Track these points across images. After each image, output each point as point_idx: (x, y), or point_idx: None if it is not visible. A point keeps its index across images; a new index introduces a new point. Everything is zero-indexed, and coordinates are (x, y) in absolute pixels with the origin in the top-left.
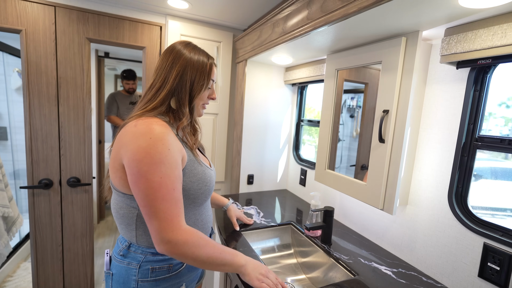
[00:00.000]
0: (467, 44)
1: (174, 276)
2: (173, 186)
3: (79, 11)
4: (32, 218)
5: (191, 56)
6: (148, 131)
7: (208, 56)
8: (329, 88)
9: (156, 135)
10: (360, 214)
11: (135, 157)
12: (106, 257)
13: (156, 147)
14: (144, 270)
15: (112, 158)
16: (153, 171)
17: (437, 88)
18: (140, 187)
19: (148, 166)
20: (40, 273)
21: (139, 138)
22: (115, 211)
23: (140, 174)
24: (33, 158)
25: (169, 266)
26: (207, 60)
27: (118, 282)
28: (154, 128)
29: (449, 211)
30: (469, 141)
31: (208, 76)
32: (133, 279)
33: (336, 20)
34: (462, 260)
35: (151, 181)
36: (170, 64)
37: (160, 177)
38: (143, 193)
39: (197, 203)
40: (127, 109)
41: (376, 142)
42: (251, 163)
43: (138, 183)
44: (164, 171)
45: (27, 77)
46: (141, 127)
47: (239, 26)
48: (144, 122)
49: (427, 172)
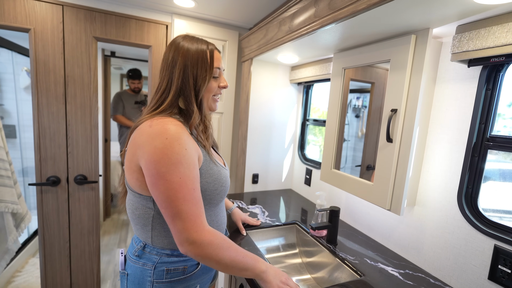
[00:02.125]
0: (479, 41)
1: (189, 278)
2: (193, 186)
3: (87, 10)
4: (41, 215)
5: (189, 48)
6: (163, 132)
7: (208, 44)
8: (336, 87)
9: (172, 135)
10: (366, 215)
11: (153, 158)
12: (121, 257)
13: (173, 148)
14: (159, 271)
15: (127, 159)
16: (172, 172)
17: (447, 87)
18: (160, 189)
19: (166, 167)
20: (48, 269)
21: (155, 139)
22: (131, 211)
23: (159, 176)
24: (41, 156)
25: (184, 268)
26: (206, 48)
27: (133, 282)
28: (169, 128)
29: (459, 212)
30: (480, 141)
31: (210, 66)
32: (148, 280)
33: (344, 17)
34: (472, 262)
35: (171, 182)
36: (171, 61)
37: (180, 178)
38: (163, 194)
39: (212, 204)
40: (133, 108)
41: (383, 142)
42: (256, 162)
43: (158, 185)
44: (183, 171)
45: (35, 75)
46: (156, 127)
47: (245, 25)
48: (159, 122)
49: (436, 172)
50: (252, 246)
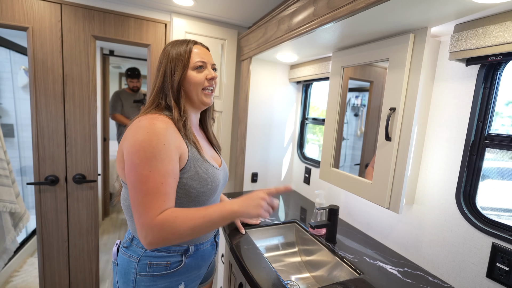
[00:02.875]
0: (477, 40)
1: (172, 274)
2: (162, 180)
3: (85, 8)
4: (39, 214)
5: (170, 51)
6: (147, 126)
7: (188, 42)
8: (335, 85)
9: (154, 129)
10: (365, 213)
11: (131, 149)
12: (115, 248)
13: (151, 141)
14: (143, 265)
15: (118, 150)
16: (144, 164)
17: (445, 86)
18: (130, 179)
19: (140, 159)
20: (47, 268)
21: (138, 132)
22: (122, 202)
23: (132, 166)
24: (40, 155)
25: (166, 264)
26: (185, 47)
27: (121, 272)
28: (154, 123)
29: (457, 210)
30: (478, 140)
31: (187, 59)
32: (132, 272)
33: (343, 16)
34: (470, 260)
35: (140, 174)
36: (158, 66)
37: (150, 171)
38: (131, 185)
39: (198, 202)
40: (131, 107)
41: (382, 140)
42: (255, 161)
43: (129, 175)
44: (155, 165)
45: (33, 74)
46: (144, 122)
47: (244, 24)
48: (148, 118)
49: (434, 171)
50: (252, 244)
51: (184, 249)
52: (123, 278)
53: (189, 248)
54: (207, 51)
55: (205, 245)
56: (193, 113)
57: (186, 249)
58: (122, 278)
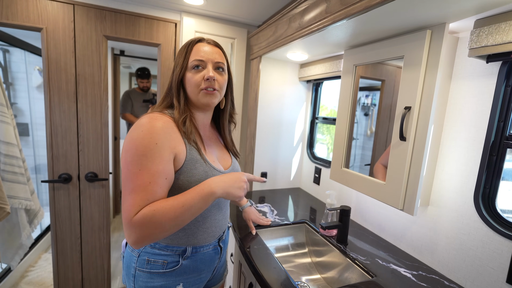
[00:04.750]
0: (499, 36)
1: (169, 274)
2: (150, 179)
3: (97, 9)
4: (53, 211)
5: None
6: (144, 124)
7: (192, 41)
8: (347, 84)
9: (148, 128)
10: (377, 214)
11: (125, 147)
12: (124, 241)
13: (143, 140)
14: (142, 260)
15: None
16: (134, 162)
17: (464, 84)
18: (122, 177)
19: (131, 157)
20: (60, 264)
21: (134, 130)
22: None
23: (124, 164)
24: (54, 153)
25: (163, 262)
26: (188, 46)
27: (125, 265)
28: (151, 122)
29: (475, 213)
30: (498, 140)
31: (185, 57)
32: (133, 266)
33: (356, 13)
34: (489, 265)
35: (130, 172)
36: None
37: (139, 169)
38: (122, 182)
39: None
40: (141, 106)
41: (396, 140)
42: (265, 161)
43: (122, 173)
44: (145, 163)
45: (47, 74)
46: (142, 120)
47: (254, 22)
48: (148, 116)
49: (451, 171)
50: (262, 245)
51: (182, 250)
52: (125, 271)
53: (186, 249)
54: (213, 48)
55: (205, 248)
56: (199, 112)
57: (184, 249)
58: (125, 270)
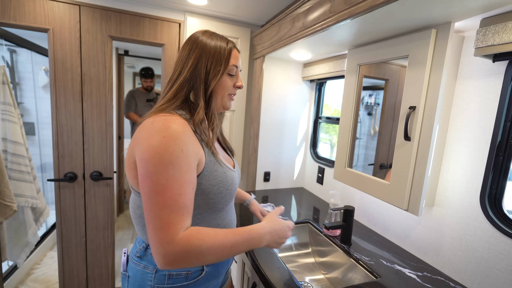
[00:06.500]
0: (506, 35)
1: (193, 284)
2: (180, 191)
3: (102, 9)
4: (58, 209)
5: (207, 43)
6: (163, 129)
7: (228, 41)
8: (350, 84)
9: (170, 133)
10: (381, 215)
11: (144, 156)
12: (124, 257)
13: (168, 147)
14: (161, 276)
15: (127, 156)
16: (160, 173)
17: (469, 83)
18: (145, 189)
19: (155, 167)
20: (66, 262)
21: (152, 136)
22: (132, 210)
23: (146, 175)
24: (59, 152)
25: (187, 274)
26: (225, 45)
27: (134, 285)
28: (170, 126)
29: (481, 213)
30: (505, 140)
31: (226, 61)
32: (148, 284)
33: (361, 12)
34: (496, 267)
35: (156, 184)
36: (187, 54)
37: (166, 180)
38: (146, 196)
39: (217, 208)
40: (145, 106)
41: (401, 140)
42: (268, 160)
43: (143, 185)
44: (172, 173)
45: (53, 74)
46: (158, 124)
47: (257, 22)
48: (162, 119)
49: (457, 172)
50: None
51: None
52: None
53: None
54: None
55: None
56: None
57: None
58: None
